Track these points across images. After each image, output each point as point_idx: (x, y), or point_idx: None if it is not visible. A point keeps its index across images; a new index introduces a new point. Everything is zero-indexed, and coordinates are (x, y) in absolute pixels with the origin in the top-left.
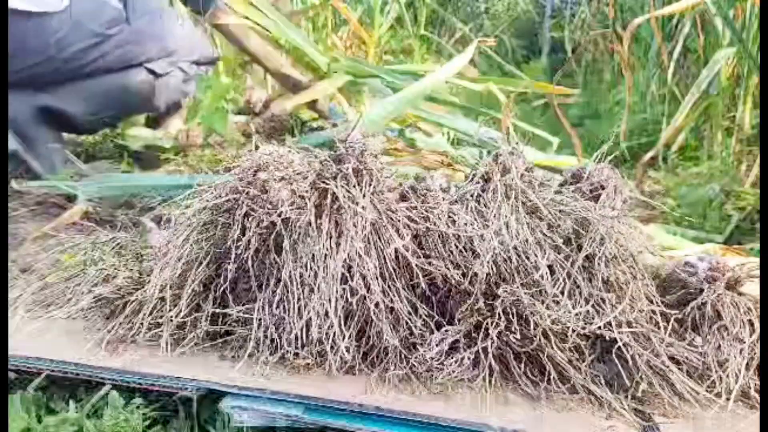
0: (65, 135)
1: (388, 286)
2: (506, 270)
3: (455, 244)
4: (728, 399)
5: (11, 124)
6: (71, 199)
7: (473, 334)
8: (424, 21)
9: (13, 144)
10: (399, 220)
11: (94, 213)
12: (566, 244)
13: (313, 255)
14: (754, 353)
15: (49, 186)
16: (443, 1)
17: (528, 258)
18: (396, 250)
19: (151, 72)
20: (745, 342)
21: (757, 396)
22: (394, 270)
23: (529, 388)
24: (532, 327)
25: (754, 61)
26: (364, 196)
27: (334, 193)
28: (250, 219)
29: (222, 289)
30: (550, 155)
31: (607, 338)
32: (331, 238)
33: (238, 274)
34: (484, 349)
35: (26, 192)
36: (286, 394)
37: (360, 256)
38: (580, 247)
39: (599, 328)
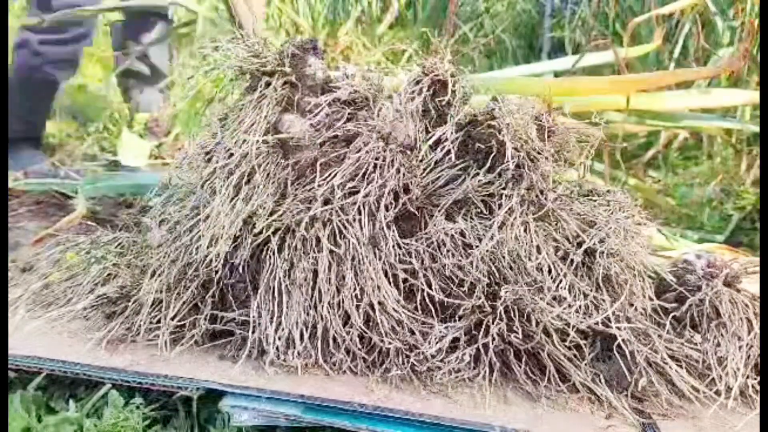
0: None
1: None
2: (508, 270)
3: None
4: (727, 397)
5: None
6: (71, 198)
7: (473, 332)
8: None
9: None
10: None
11: (95, 213)
12: (568, 240)
13: (313, 255)
14: (754, 351)
15: (49, 185)
16: (443, 1)
17: (530, 258)
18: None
19: None
20: (743, 339)
21: (756, 394)
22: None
23: (529, 386)
24: (533, 324)
25: (755, 61)
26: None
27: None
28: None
29: (222, 287)
30: None
31: (607, 335)
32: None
33: (237, 274)
34: (485, 347)
35: (26, 192)
36: (287, 393)
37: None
38: (580, 245)
39: (597, 324)
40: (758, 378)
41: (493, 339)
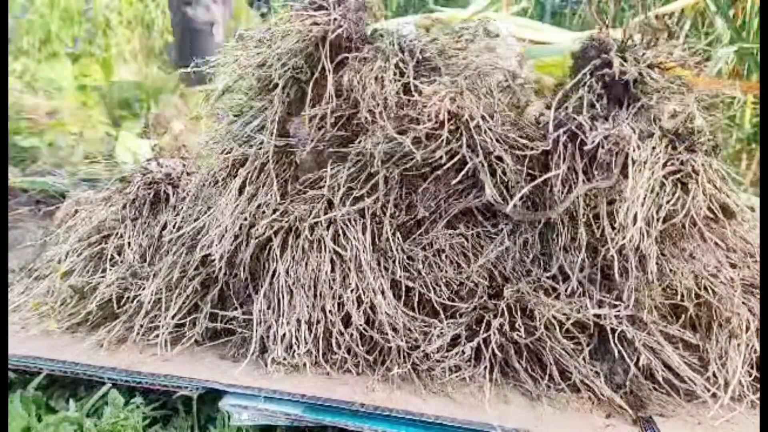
0: None
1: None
2: (511, 273)
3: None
4: (726, 396)
5: None
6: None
7: (474, 327)
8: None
9: None
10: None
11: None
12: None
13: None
14: (753, 350)
15: (47, 185)
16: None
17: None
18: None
19: None
20: (742, 338)
21: (756, 394)
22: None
23: (530, 385)
24: (537, 319)
25: (755, 60)
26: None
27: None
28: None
29: (222, 286)
30: None
31: (608, 330)
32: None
33: (238, 272)
34: (485, 342)
35: (26, 192)
36: (288, 393)
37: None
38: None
39: (598, 318)
40: (758, 376)
41: (494, 334)
